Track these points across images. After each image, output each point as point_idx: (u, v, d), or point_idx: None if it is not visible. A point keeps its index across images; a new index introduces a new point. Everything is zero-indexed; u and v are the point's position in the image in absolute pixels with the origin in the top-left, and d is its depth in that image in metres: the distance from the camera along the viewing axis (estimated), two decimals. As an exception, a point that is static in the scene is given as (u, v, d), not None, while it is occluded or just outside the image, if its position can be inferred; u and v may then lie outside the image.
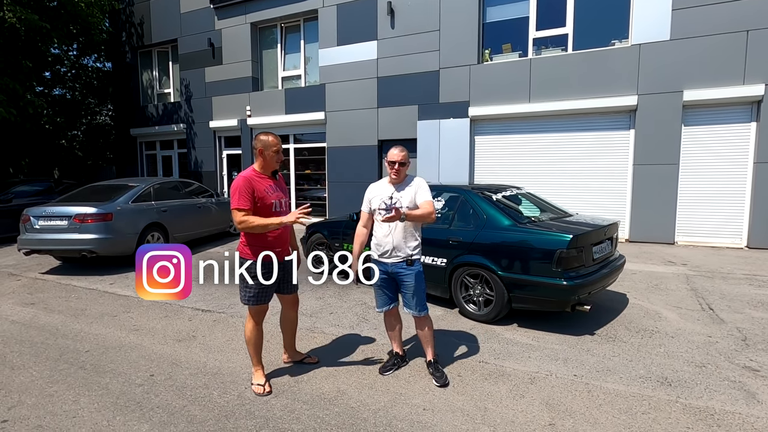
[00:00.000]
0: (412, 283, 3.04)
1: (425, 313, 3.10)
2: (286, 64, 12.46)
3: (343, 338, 3.92)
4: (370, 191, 3.19)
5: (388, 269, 3.07)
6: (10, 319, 4.56)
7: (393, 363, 3.26)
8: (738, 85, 7.59)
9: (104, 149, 19.37)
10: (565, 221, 4.53)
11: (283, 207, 2.96)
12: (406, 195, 3.03)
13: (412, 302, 3.06)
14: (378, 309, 3.22)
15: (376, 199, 3.10)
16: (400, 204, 3.00)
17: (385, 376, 3.16)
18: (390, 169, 3.07)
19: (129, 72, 14.87)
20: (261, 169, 2.92)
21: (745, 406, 2.72)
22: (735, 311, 4.48)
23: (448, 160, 9.85)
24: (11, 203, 9.40)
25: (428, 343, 3.17)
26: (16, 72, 10.72)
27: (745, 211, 7.86)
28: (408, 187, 3.07)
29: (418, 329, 3.18)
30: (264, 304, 2.96)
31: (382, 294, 3.17)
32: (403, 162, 3.04)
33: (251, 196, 2.78)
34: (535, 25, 9.22)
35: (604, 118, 8.74)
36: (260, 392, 2.91)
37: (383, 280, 3.12)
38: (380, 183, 3.21)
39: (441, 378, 3.06)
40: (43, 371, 3.33)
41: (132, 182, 7.49)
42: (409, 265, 3.04)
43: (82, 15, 11.46)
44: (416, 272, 3.05)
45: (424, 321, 3.13)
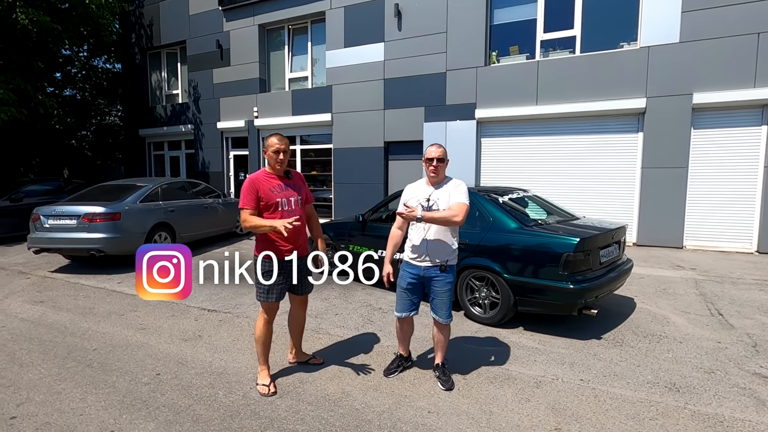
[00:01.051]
0: (444, 289, 2.95)
1: (450, 321, 3.03)
2: (294, 66, 12.51)
3: (348, 339, 3.92)
4: (407, 192, 3.06)
5: (420, 273, 2.96)
6: (19, 317, 4.62)
7: (398, 365, 3.24)
8: (749, 88, 7.50)
9: (113, 149, 19.56)
10: (572, 224, 4.50)
11: (291, 206, 2.95)
12: (444, 196, 2.88)
13: (441, 309, 2.98)
14: (397, 313, 3.09)
15: (412, 201, 2.95)
16: (437, 206, 2.86)
17: (389, 378, 3.14)
18: (427, 167, 2.92)
19: (138, 73, 15.02)
20: (271, 169, 2.98)
21: (754, 413, 2.68)
22: (745, 317, 4.42)
23: (455, 162, 9.69)
24: (22, 202, 9.51)
25: (442, 347, 3.12)
26: (27, 73, 10.87)
27: (756, 215, 7.76)
28: (445, 187, 2.92)
29: (437, 334, 3.10)
30: (276, 302, 2.99)
31: (406, 298, 3.05)
32: (442, 158, 2.89)
33: (254, 196, 2.86)
34: (543, 27, 9.18)
35: (612, 120, 8.68)
36: (265, 392, 2.92)
37: (411, 284, 3.01)
38: (418, 184, 3.07)
39: (447, 382, 3.03)
40: (51, 369, 3.37)
41: (140, 182, 7.56)
42: (442, 271, 2.93)
43: (92, 17, 11.59)
44: (449, 279, 2.95)
45: (446, 327, 3.07)
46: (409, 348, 3.33)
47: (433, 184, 2.96)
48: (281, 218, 2.77)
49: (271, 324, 3.05)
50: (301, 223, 2.92)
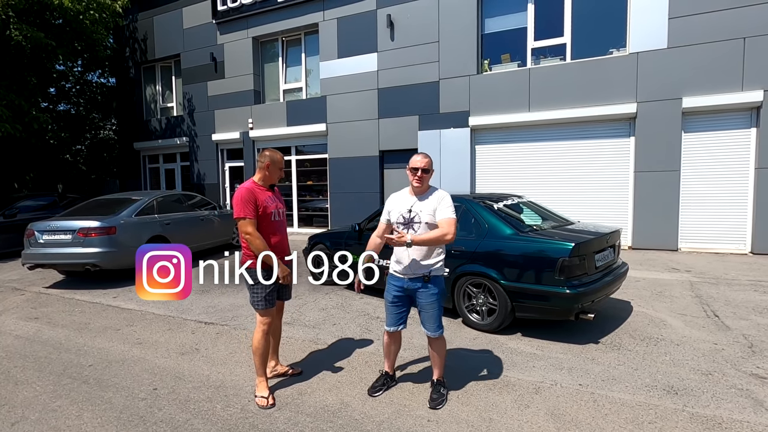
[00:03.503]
0: (429, 302, 2.83)
1: (440, 333, 2.90)
2: (288, 77, 12.60)
3: (346, 350, 3.90)
4: (390, 202, 2.99)
5: (404, 285, 2.87)
6: (14, 334, 4.57)
7: (383, 383, 3.12)
8: (737, 91, 7.63)
9: (108, 163, 19.52)
10: (567, 229, 4.53)
11: (281, 216, 3.14)
12: (427, 208, 2.79)
13: (428, 322, 2.87)
14: (387, 327, 3.00)
15: (394, 212, 2.90)
16: (419, 218, 2.78)
17: (375, 397, 3.02)
18: (412, 176, 2.82)
19: (132, 87, 15.07)
20: (261, 181, 3.07)
21: (752, 414, 2.69)
22: (740, 318, 4.44)
23: (450, 169, 9.88)
24: (16, 218, 9.45)
25: (439, 363, 2.99)
26: (21, 88, 10.89)
27: (748, 216, 7.84)
28: (429, 199, 2.82)
29: (432, 349, 2.99)
30: (272, 308, 3.04)
31: (393, 312, 2.96)
32: (427, 169, 2.80)
33: (255, 206, 2.93)
34: (534, 35, 9.32)
35: (604, 126, 8.78)
36: (264, 404, 2.90)
37: (397, 296, 2.92)
38: (401, 193, 2.98)
39: (435, 401, 2.87)
40: (46, 386, 3.33)
41: (135, 196, 7.55)
42: (426, 282, 2.82)
43: (86, 32, 11.65)
44: (434, 291, 2.84)
45: (439, 341, 2.94)
46: (394, 366, 3.21)
47: (417, 194, 2.87)
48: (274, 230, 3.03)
49: (269, 334, 3.07)
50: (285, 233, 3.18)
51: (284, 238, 3.16)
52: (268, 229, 2.99)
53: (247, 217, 2.89)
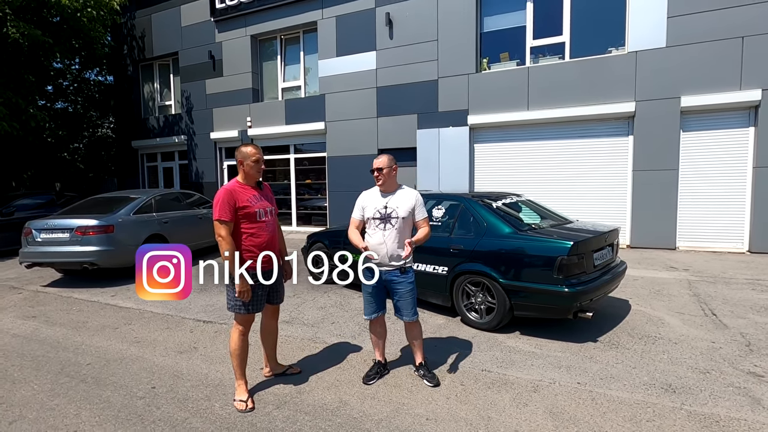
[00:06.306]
0: (407, 290, 3.08)
1: (416, 318, 3.16)
2: (286, 76, 12.57)
3: (344, 348, 3.90)
4: (363, 199, 3.21)
5: (381, 276, 3.08)
6: (11, 333, 4.56)
7: (377, 371, 3.28)
8: (735, 90, 7.64)
9: (106, 161, 19.47)
10: (566, 228, 4.54)
11: (268, 216, 2.99)
12: (402, 204, 3.05)
13: (406, 309, 3.11)
14: (366, 316, 3.22)
15: (369, 209, 3.12)
16: (396, 213, 3.02)
17: (369, 385, 3.16)
18: (374, 176, 3.11)
19: (130, 85, 15.01)
20: (243, 179, 2.98)
21: (750, 412, 2.70)
22: (738, 316, 4.46)
23: (448, 168, 9.88)
24: (13, 216, 9.42)
25: (418, 347, 3.24)
26: (18, 86, 10.83)
27: (746, 215, 7.86)
28: (400, 194, 3.10)
29: (409, 334, 3.24)
30: (252, 314, 2.97)
31: (371, 302, 3.18)
32: (381, 168, 3.07)
33: (232, 208, 2.83)
34: (532, 34, 9.32)
35: (602, 124, 8.78)
36: (242, 408, 2.85)
37: (374, 287, 3.12)
38: (372, 192, 3.22)
39: (433, 379, 3.13)
40: (44, 385, 3.32)
41: (133, 194, 7.52)
42: (402, 273, 3.06)
43: (84, 30, 11.59)
44: (411, 280, 3.10)
45: (415, 326, 3.20)
46: (384, 353, 3.37)
47: (386, 191, 3.12)
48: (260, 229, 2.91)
49: (247, 336, 3.01)
50: (274, 233, 3.06)
51: (274, 238, 3.04)
52: (253, 229, 2.90)
53: (221, 219, 2.78)
